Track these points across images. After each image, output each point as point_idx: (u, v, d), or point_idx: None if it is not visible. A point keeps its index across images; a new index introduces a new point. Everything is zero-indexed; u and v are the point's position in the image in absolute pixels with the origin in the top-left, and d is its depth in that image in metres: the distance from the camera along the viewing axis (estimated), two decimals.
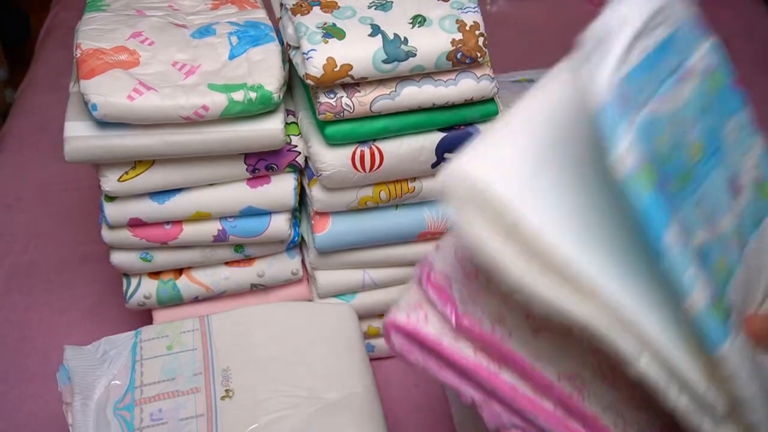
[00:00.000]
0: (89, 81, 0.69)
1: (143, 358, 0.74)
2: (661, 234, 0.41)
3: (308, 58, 0.71)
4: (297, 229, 0.84)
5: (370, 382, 0.75)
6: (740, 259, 0.50)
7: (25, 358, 0.92)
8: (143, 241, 0.78)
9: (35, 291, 1.00)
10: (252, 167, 0.77)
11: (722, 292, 0.47)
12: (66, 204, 1.11)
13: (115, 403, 0.71)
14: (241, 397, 0.71)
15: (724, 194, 0.50)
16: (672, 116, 0.46)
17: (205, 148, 0.73)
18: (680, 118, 0.48)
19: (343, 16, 0.74)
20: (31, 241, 1.07)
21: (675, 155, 0.46)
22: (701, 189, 0.48)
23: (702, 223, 0.47)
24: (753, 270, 0.51)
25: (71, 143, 0.71)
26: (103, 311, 0.96)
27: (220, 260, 0.83)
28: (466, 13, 0.75)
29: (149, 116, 0.69)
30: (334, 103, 0.73)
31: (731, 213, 0.50)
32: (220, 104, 0.70)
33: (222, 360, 0.74)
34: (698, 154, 0.48)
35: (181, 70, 0.73)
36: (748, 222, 0.52)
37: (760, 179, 0.54)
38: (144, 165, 0.74)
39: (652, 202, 0.41)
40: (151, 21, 0.77)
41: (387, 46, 0.72)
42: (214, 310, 0.82)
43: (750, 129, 0.55)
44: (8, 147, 1.22)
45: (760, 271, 0.52)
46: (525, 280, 0.44)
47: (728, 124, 0.53)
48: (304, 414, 0.70)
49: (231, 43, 0.76)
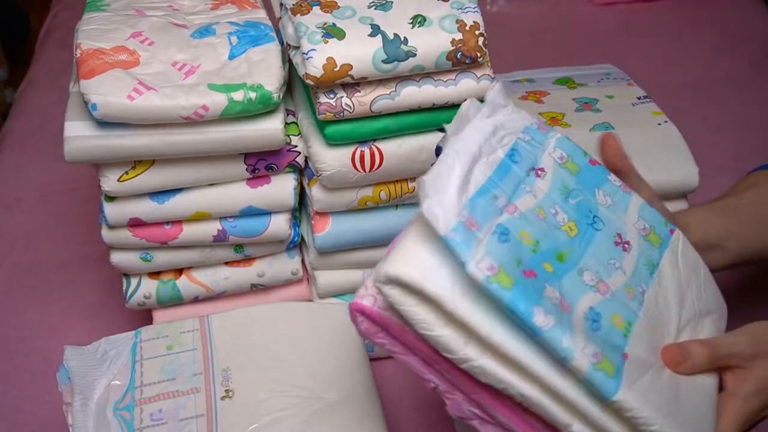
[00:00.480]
0: (89, 81, 0.69)
1: (143, 358, 0.74)
2: (529, 320, 0.50)
3: (308, 58, 0.71)
4: (297, 229, 0.84)
5: (370, 382, 0.75)
6: (640, 307, 0.57)
7: (25, 358, 0.92)
8: (143, 241, 0.78)
9: (35, 291, 1.00)
10: (252, 167, 0.77)
11: (618, 345, 0.54)
12: (66, 204, 1.11)
13: (115, 403, 0.71)
14: (241, 397, 0.71)
15: (614, 253, 0.59)
16: (532, 211, 0.57)
17: (205, 148, 0.73)
18: (544, 208, 0.58)
19: (343, 16, 0.74)
20: (31, 241, 1.07)
21: (546, 240, 0.56)
22: (585, 258, 0.57)
23: (588, 288, 0.56)
24: (659, 310, 0.59)
25: (71, 143, 0.71)
26: (103, 311, 0.96)
27: (220, 260, 0.83)
28: (466, 13, 0.75)
29: (149, 116, 0.69)
30: (334, 103, 0.73)
31: (623, 269, 0.59)
32: (220, 104, 0.70)
33: (222, 360, 0.74)
34: (573, 230, 0.58)
35: (181, 70, 0.73)
36: (643, 271, 0.60)
37: (644, 230, 0.62)
38: (144, 165, 0.74)
39: (511, 298, 0.50)
40: (151, 21, 0.77)
41: (387, 46, 0.72)
42: (214, 310, 0.82)
43: (620, 191, 0.63)
44: (8, 147, 1.22)
45: (669, 309, 0.60)
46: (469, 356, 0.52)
47: (597, 195, 0.62)
48: (304, 414, 0.70)
49: (231, 43, 0.76)
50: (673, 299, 0.61)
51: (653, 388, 0.55)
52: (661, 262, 0.62)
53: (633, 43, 1.40)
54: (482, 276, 0.50)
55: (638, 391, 0.53)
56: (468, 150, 0.57)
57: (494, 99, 0.62)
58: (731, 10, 1.48)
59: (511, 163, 0.59)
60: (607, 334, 0.54)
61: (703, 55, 1.37)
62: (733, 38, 1.41)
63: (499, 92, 0.63)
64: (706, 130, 1.19)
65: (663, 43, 1.41)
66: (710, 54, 1.38)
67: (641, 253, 0.61)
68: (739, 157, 1.13)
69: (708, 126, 1.21)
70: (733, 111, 1.25)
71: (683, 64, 1.35)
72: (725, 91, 1.29)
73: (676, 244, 0.64)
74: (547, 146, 0.62)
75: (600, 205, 0.62)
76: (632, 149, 0.71)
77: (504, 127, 0.61)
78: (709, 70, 1.34)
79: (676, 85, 1.29)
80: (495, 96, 0.63)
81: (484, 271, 0.50)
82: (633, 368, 0.54)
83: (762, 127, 1.22)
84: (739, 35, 1.42)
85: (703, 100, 1.27)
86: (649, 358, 0.56)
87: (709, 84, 1.31)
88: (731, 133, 1.21)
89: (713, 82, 1.31)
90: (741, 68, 1.35)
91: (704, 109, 1.25)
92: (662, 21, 1.46)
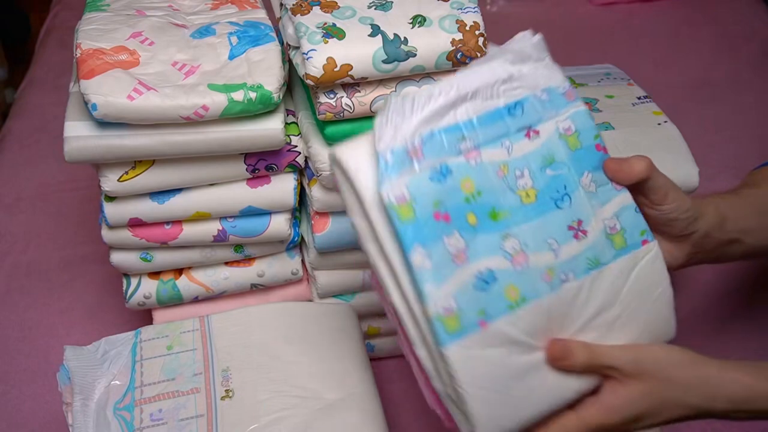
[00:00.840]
0: (89, 81, 0.69)
1: (143, 358, 0.74)
2: (407, 254, 0.55)
3: (308, 58, 0.71)
4: (297, 229, 0.84)
5: (370, 382, 0.75)
6: (551, 292, 0.59)
7: (25, 358, 0.92)
8: (143, 241, 0.78)
9: (35, 291, 1.00)
10: (252, 167, 0.77)
11: (489, 313, 0.56)
12: (66, 204, 1.11)
13: (115, 403, 0.71)
14: (241, 397, 0.71)
15: (558, 235, 0.60)
16: (494, 164, 0.59)
17: (205, 148, 0.73)
18: (510, 167, 0.59)
19: (343, 16, 0.74)
20: (31, 241, 1.07)
21: (489, 195, 0.58)
22: (522, 226, 0.59)
23: (501, 253, 0.57)
24: (572, 304, 0.60)
25: (71, 143, 0.71)
26: (103, 311, 0.96)
27: (220, 260, 0.83)
28: (466, 13, 0.75)
29: (149, 116, 0.69)
30: (334, 103, 0.73)
31: (557, 252, 0.59)
32: (220, 104, 0.70)
33: (222, 360, 0.74)
34: (530, 198, 0.59)
35: (181, 70, 0.73)
36: (582, 263, 0.60)
37: (611, 229, 0.62)
38: (144, 165, 0.74)
39: (399, 228, 0.55)
40: (151, 21, 0.77)
41: (387, 46, 0.72)
42: (214, 310, 0.82)
43: (610, 186, 0.63)
44: (8, 147, 1.22)
45: (585, 308, 0.60)
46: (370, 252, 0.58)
47: (584, 177, 0.62)
48: (304, 414, 0.70)
49: (231, 43, 0.76)
50: (596, 301, 0.60)
51: (493, 361, 0.57)
52: (610, 264, 0.61)
53: (633, 43, 1.40)
54: (386, 200, 0.55)
55: (469, 357, 0.56)
56: (464, 87, 0.59)
57: (525, 49, 0.61)
58: (731, 10, 1.48)
59: (507, 114, 0.60)
60: (488, 299, 0.57)
61: (703, 55, 1.37)
62: (733, 38, 1.41)
63: (537, 45, 0.62)
64: (706, 130, 1.19)
65: (663, 43, 1.41)
66: (710, 54, 1.38)
67: (591, 248, 0.61)
68: (739, 157, 1.13)
69: (708, 126, 1.21)
70: (733, 111, 1.25)
71: (683, 64, 1.35)
72: (725, 91, 1.29)
73: (641, 256, 0.63)
74: (560, 114, 0.62)
75: (581, 186, 0.61)
76: (632, 149, 0.71)
77: (522, 79, 0.61)
78: (708, 70, 1.34)
79: (676, 85, 1.29)
80: (529, 47, 0.62)
81: (391, 197, 0.55)
82: (485, 337, 0.56)
83: (762, 127, 1.22)
84: (739, 35, 1.42)
85: (703, 100, 1.27)
86: (523, 339, 0.58)
87: (709, 84, 1.31)
88: (731, 133, 1.21)
89: (713, 82, 1.31)
90: (741, 68, 1.35)
91: (704, 109, 1.25)
92: (662, 21, 1.46)
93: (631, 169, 0.62)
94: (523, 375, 0.58)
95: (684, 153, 0.90)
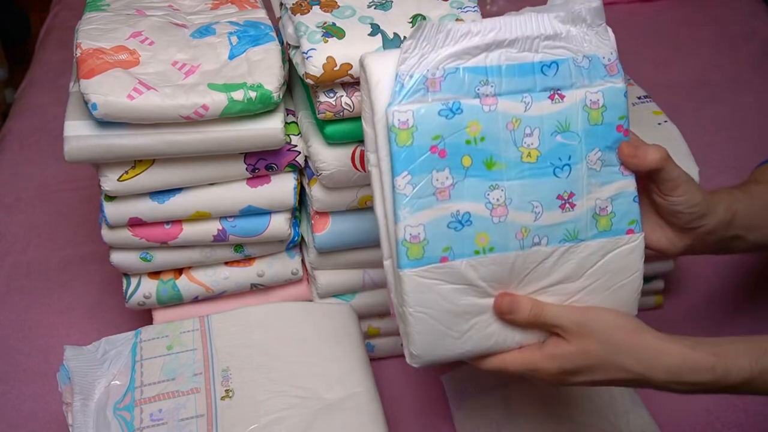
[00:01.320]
0: (89, 80, 0.69)
1: (143, 358, 0.74)
2: (395, 176, 0.58)
3: (308, 58, 0.71)
4: (297, 228, 0.84)
5: (370, 382, 0.75)
6: (520, 250, 0.61)
7: (25, 358, 0.92)
8: (143, 240, 0.78)
9: (35, 291, 1.00)
10: (252, 167, 0.76)
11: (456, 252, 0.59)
12: (66, 204, 1.11)
13: (115, 403, 0.71)
14: (241, 397, 0.71)
15: (544, 200, 0.61)
16: (506, 115, 0.59)
17: (205, 148, 0.73)
18: (522, 123, 0.60)
19: (343, 16, 0.74)
20: (31, 241, 1.07)
21: (491, 144, 0.59)
22: (512, 182, 0.60)
23: (483, 201, 0.59)
24: (537, 267, 0.62)
25: (71, 143, 0.71)
26: (103, 311, 0.96)
27: (220, 260, 0.83)
28: (466, 12, 0.75)
29: (149, 116, 0.69)
30: (334, 103, 0.73)
31: (538, 216, 0.61)
32: (220, 104, 0.70)
33: (222, 360, 0.74)
34: (531, 158, 0.60)
35: (181, 70, 0.73)
36: (558, 232, 0.61)
37: (601, 211, 0.62)
38: (144, 164, 0.74)
39: (393, 151, 0.58)
40: (151, 21, 0.77)
41: (387, 46, 0.72)
42: (214, 310, 0.82)
43: (617, 170, 0.63)
44: (8, 147, 1.22)
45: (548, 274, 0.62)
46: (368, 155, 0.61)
47: (592, 154, 0.62)
48: (304, 414, 0.70)
49: (231, 43, 0.76)
50: (562, 270, 0.62)
51: (444, 295, 0.60)
52: (588, 242, 0.62)
53: (633, 43, 1.40)
54: (390, 120, 0.58)
55: (422, 285, 0.59)
56: (505, 33, 0.59)
57: (581, 11, 0.61)
58: (731, 10, 1.48)
59: (539, 71, 0.60)
60: (458, 239, 0.59)
61: (703, 55, 1.37)
62: (733, 38, 1.41)
63: (595, 11, 0.61)
64: (706, 130, 1.19)
65: (663, 43, 1.41)
66: (710, 54, 1.38)
67: (574, 221, 0.62)
68: (739, 157, 1.13)
69: (708, 126, 1.21)
70: (733, 111, 1.25)
71: (683, 64, 1.35)
72: (725, 91, 1.29)
73: (621, 243, 0.63)
74: (593, 85, 0.61)
75: (586, 162, 0.61)
76: None
77: (568, 40, 0.61)
78: (708, 70, 1.34)
79: (676, 85, 1.29)
80: (586, 10, 0.61)
81: (395, 120, 0.57)
82: (443, 272, 0.60)
83: (762, 127, 1.22)
84: (739, 35, 1.42)
85: (703, 100, 1.27)
86: (479, 283, 0.61)
87: (709, 84, 1.31)
88: (731, 133, 1.21)
89: (713, 82, 1.31)
90: (741, 68, 1.35)
91: (704, 109, 1.25)
92: (662, 21, 1.46)
93: (645, 156, 0.62)
94: (469, 316, 0.61)
95: (684, 153, 0.90)
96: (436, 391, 0.88)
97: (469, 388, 0.85)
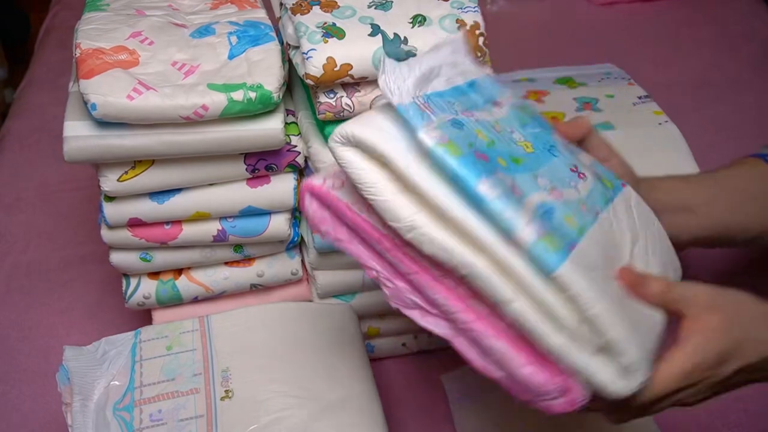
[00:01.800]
0: (89, 81, 0.69)
1: (143, 358, 0.74)
2: (474, 187, 0.50)
3: (308, 58, 0.71)
4: (297, 229, 0.84)
5: (370, 382, 0.75)
6: (595, 220, 0.56)
7: (25, 358, 0.92)
8: (143, 241, 0.78)
9: (35, 291, 1.00)
10: (252, 167, 0.76)
11: (570, 236, 0.52)
12: (66, 204, 1.11)
13: (115, 403, 0.71)
14: (241, 398, 0.71)
15: (570, 176, 0.58)
16: (488, 122, 0.57)
17: (204, 148, 0.73)
18: (501, 124, 0.58)
19: (343, 16, 0.74)
20: (31, 241, 1.07)
21: (502, 144, 0.56)
22: (542, 168, 0.56)
23: (542, 189, 0.54)
24: (613, 234, 0.57)
25: (71, 143, 0.71)
26: (102, 311, 0.96)
27: (220, 260, 0.83)
28: (466, 12, 0.75)
29: (149, 116, 0.69)
30: (334, 103, 0.73)
31: (577, 188, 0.57)
32: (219, 104, 0.70)
33: (222, 360, 0.74)
34: (529, 148, 0.58)
35: (180, 70, 0.73)
36: (598, 198, 0.58)
37: (597, 174, 0.61)
38: (143, 165, 0.74)
39: (457, 164, 0.51)
40: (151, 21, 0.77)
41: (387, 46, 0.72)
42: (214, 310, 0.82)
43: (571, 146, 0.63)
44: (8, 147, 1.22)
45: (623, 237, 0.58)
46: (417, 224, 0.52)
47: (553, 135, 0.62)
48: (304, 414, 0.70)
49: (230, 43, 0.76)
50: (627, 232, 0.59)
51: (602, 282, 0.52)
52: (615, 200, 0.60)
53: (633, 43, 1.40)
54: (431, 142, 0.51)
55: (583, 274, 0.50)
56: (434, 60, 0.58)
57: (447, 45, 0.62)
58: (731, 10, 1.48)
59: (469, 90, 0.60)
60: (559, 226, 0.52)
61: (703, 55, 1.37)
62: (733, 38, 1.41)
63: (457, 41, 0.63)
64: (706, 130, 1.19)
65: (663, 42, 1.41)
66: (710, 54, 1.38)
67: (594, 187, 0.59)
68: (739, 156, 1.13)
69: (708, 126, 1.20)
70: (733, 111, 1.25)
71: (683, 64, 1.35)
72: (725, 91, 1.29)
73: (629, 195, 0.62)
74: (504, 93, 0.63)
75: (557, 141, 0.61)
76: (632, 149, 0.71)
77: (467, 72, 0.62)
78: (708, 70, 1.34)
79: (676, 85, 1.29)
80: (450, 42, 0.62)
81: (434, 138, 0.51)
82: (582, 257, 0.51)
83: (762, 127, 1.22)
84: (739, 35, 1.42)
85: (703, 100, 1.27)
86: (601, 263, 0.54)
87: (709, 84, 1.31)
88: (731, 133, 1.21)
89: (713, 82, 1.31)
90: (741, 68, 1.35)
91: (704, 109, 1.25)
92: (662, 21, 1.46)
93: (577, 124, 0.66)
94: (622, 296, 0.54)
95: (684, 153, 0.90)
96: (436, 391, 0.87)
97: (469, 388, 0.85)
